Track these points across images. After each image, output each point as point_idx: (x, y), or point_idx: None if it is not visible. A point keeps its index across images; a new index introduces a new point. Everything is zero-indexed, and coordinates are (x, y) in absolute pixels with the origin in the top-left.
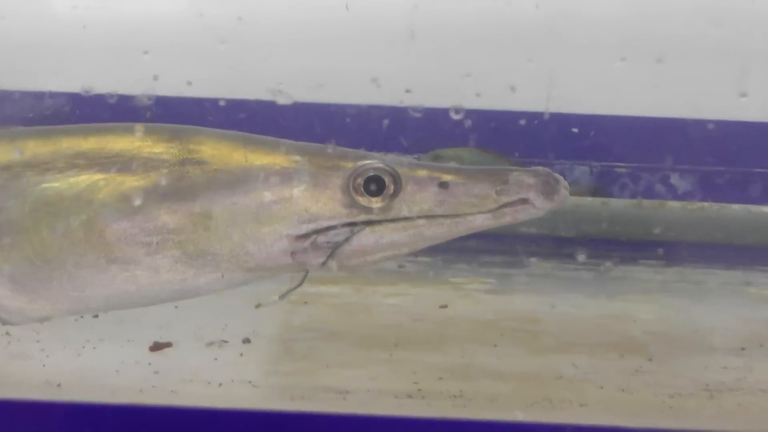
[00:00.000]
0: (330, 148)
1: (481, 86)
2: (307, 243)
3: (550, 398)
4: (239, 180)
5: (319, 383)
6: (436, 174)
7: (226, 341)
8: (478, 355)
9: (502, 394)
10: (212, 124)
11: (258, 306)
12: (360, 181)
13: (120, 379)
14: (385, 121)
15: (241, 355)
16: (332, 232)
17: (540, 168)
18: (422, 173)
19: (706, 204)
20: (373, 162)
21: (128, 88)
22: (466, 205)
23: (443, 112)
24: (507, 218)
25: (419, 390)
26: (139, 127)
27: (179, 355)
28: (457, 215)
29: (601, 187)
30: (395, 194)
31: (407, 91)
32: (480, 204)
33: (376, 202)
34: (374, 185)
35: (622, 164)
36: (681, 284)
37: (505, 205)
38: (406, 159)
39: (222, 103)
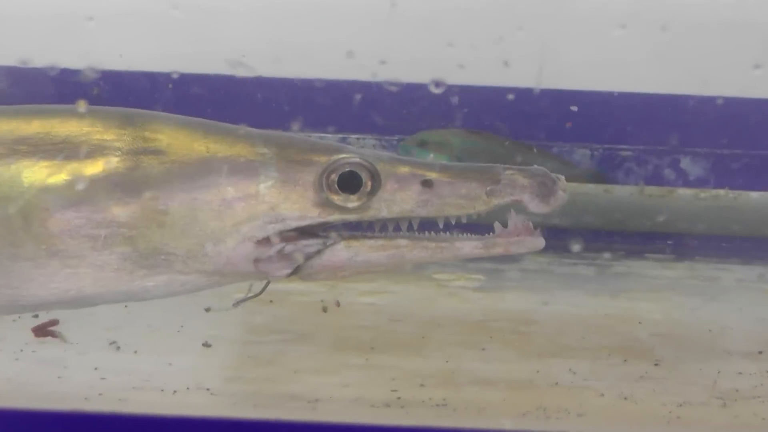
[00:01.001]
0: (301, 139)
1: (466, 58)
2: (272, 251)
3: (544, 407)
4: (199, 173)
5: (285, 391)
6: (419, 171)
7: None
8: (465, 360)
9: (491, 402)
10: (165, 101)
11: (208, 310)
12: (334, 177)
13: (62, 385)
14: (357, 97)
15: (199, 359)
16: (302, 242)
17: (536, 167)
18: (404, 170)
19: (721, 191)
20: (349, 156)
21: (71, 61)
22: (453, 206)
23: (422, 87)
24: (498, 249)
25: (398, 398)
26: (87, 110)
27: (129, 359)
28: (443, 240)
29: (602, 172)
30: (373, 192)
31: (382, 62)
32: (468, 205)
33: (351, 201)
34: (350, 182)
35: (627, 147)
36: (692, 281)
37: (499, 232)
38: (386, 154)
39: (175, 77)
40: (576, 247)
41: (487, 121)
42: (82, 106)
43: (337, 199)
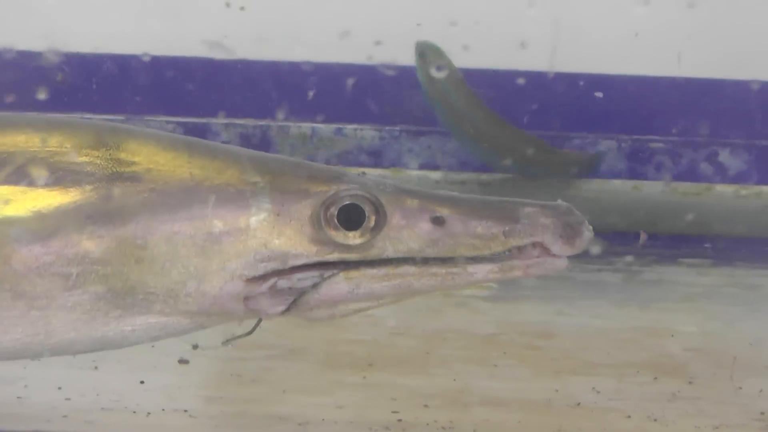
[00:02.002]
0: (297, 164)
1: (470, 37)
2: (264, 287)
3: (563, 431)
4: (182, 203)
5: (272, 412)
6: (429, 205)
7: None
8: (474, 378)
9: (503, 425)
10: (137, 87)
11: (195, 347)
12: (334, 210)
13: (22, 406)
14: (350, 81)
15: (175, 377)
16: (297, 276)
17: (560, 204)
18: (412, 203)
19: (764, 188)
20: (351, 187)
21: (30, 42)
22: (466, 247)
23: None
24: (517, 273)
25: (399, 420)
26: (54, 123)
27: (96, 376)
28: (454, 265)
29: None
30: (377, 229)
31: (377, 43)
32: (483, 246)
33: (353, 238)
34: (352, 216)
35: (658, 138)
36: (731, 289)
37: (515, 253)
38: (391, 183)
39: (147, 59)
40: (600, 251)
41: (497, 109)
42: (53, 128)
43: (337, 235)
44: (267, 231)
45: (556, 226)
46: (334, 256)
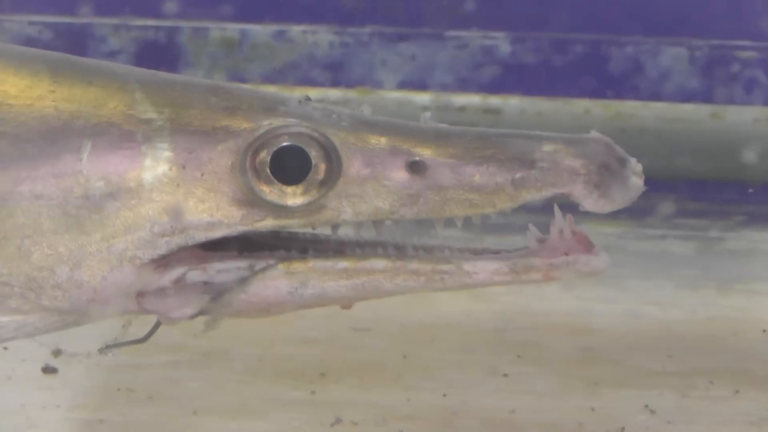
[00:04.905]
0: (209, 88)
1: None
2: (165, 279)
3: None
4: (44, 153)
5: None
6: (404, 145)
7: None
8: (474, 392)
9: None
10: None
11: (57, 353)
12: (265, 156)
13: None
14: None
15: (37, 392)
16: (215, 267)
17: (594, 136)
18: (379, 143)
19: None
20: (290, 122)
21: None
22: (458, 204)
23: None
24: (535, 275)
25: None
26: None
27: None
28: (445, 261)
29: None
30: (329, 182)
31: None
32: (483, 202)
33: (294, 196)
34: (291, 165)
35: (748, 43)
36: None
37: (533, 243)
38: (350, 113)
39: None
40: (665, 210)
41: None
42: None
43: (271, 193)
44: (169, 191)
45: (589, 170)
46: (267, 223)
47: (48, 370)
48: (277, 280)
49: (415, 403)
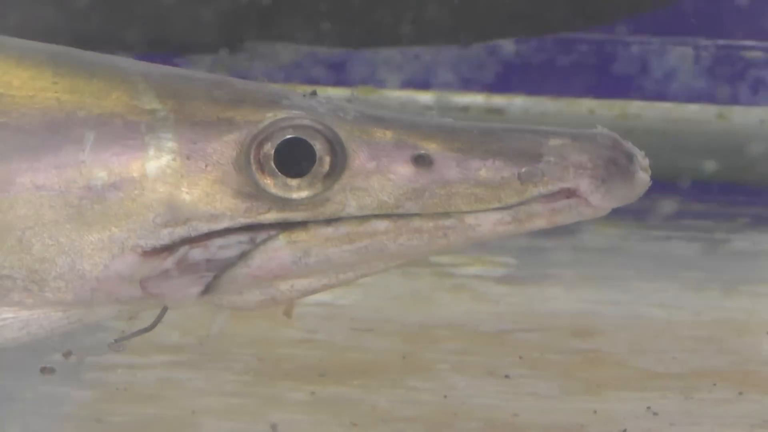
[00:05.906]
0: (213, 81)
1: None
2: (169, 261)
3: None
4: (46, 144)
5: None
6: (410, 139)
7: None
8: (476, 393)
9: None
10: None
11: (68, 355)
12: (269, 149)
13: None
14: None
15: (34, 393)
16: (217, 242)
17: (601, 132)
18: (384, 137)
19: None
20: (294, 115)
21: None
22: (464, 200)
23: None
24: (539, 221)
25: None
26: None
27: None
28: (446, 216)
29: None
30: (334, 175)
31: None
32: (489, 196)
33: (298, 189)
34: (296, 157)
35: (755, 43)
36: None
37: (536, 200)
38: (355, 107)
39: None
40: (670, 211)
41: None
42: None
43: (275, 186)
44: (172, 182)
45: (596, 164)
46: (271, 217)
47: (46, 370)
48: (279, 250)
49: (416, 404)
